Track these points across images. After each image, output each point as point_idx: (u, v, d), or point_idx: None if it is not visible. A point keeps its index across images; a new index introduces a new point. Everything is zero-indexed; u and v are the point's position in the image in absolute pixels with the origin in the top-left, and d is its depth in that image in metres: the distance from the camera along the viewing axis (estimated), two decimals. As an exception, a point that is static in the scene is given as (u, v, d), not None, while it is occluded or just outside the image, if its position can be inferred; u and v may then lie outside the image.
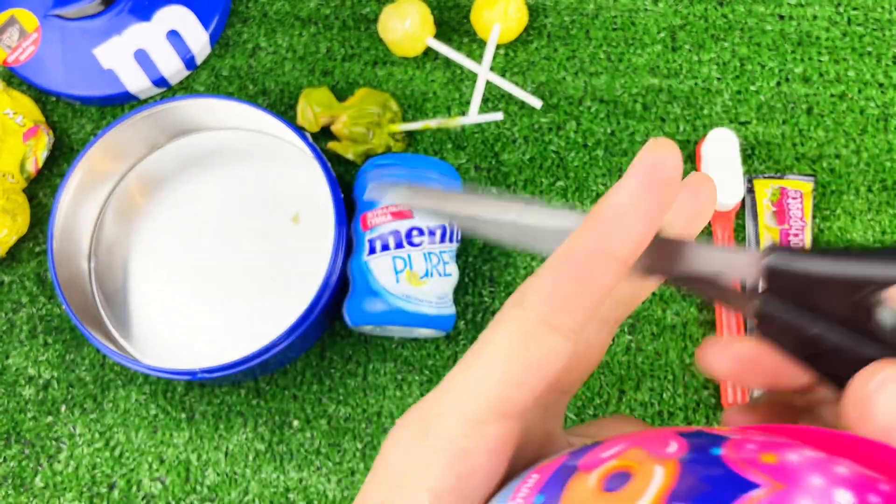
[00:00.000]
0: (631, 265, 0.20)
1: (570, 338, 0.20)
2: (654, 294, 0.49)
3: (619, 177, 0.51)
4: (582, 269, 0.20)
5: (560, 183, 0.51)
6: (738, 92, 0.53)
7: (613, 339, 0.48)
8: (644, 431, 0.20)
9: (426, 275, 0.45)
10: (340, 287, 0.47)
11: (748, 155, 0.52)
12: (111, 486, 0.47)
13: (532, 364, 0.20)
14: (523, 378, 0.20)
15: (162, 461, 0.47)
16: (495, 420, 0.20)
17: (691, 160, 0.51)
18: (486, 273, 0.50)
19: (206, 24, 0.54)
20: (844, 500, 0.16)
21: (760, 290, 0.22)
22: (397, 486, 0.20)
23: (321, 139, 0.52)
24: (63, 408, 0.49)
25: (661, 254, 0.21)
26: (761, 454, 0.18)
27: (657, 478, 0.18)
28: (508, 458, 0.21)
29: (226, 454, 0.47)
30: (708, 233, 0.50)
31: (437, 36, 0.54)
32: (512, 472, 0.21)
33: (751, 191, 0.50)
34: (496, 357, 0.20)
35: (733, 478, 0.17)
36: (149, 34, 0.53)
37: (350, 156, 0.50)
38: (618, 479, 0.18)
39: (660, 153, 0.19)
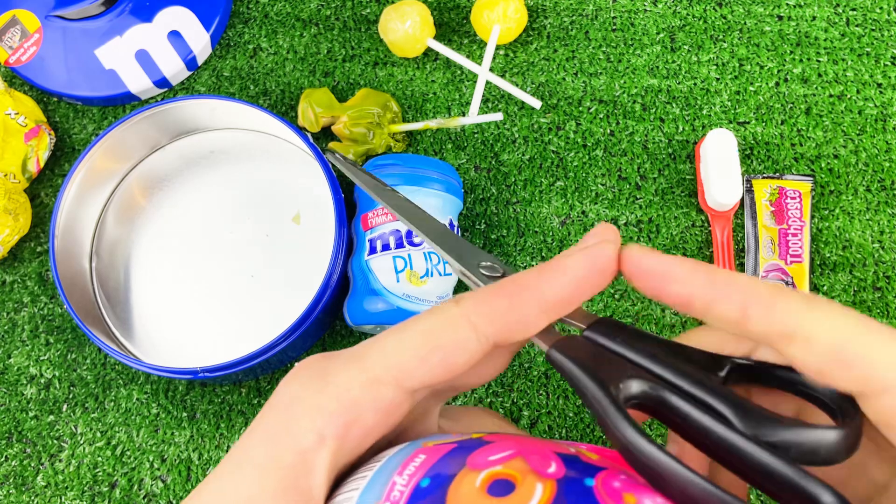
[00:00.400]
0: (549, 313, 0.23)
1: (481, 341, 0.23)
2: (653, 293, 0.49)
3: (619, 177, 0.51)
4: (516, 295, 0.23)
5: (559, 183, 0.51)
6: (737, 92, 0.53)
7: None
8: (527, 441, 0.22)
9: (426, 274, 0.46)
10: (341, 287, 0.47)
11: (747, 155, 0.52)
12: (112, 486, 0.47)
13: (440, 347, 0.22)
14: (428, 357, 0.22)
15: (163, 460, 0.47)
16: (392, 385, 0.22)
17: (690, 160, 0.52)
18: (486, 273, 0.50)
19: (207, 25, 0.54)
20: None
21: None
22: (286, 422, 0.22)
23: (322, 139, 0.52)
24: (65, 407, 0.49)
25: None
26: (624, 494, 0.19)
27: (537, 495, 0.20)
28: (392, 426, 0.23)
29: (227, 453, 0.48)
30: (707, 233, 0.50)
31: (438, 37, 0.54)
32: (387, 444, 0.24)
33: (749, 191, 0.50)
34: (414, 332, 0.23)
35: None
36: (150, 35, 0.53)
37: (351, 156, 0.51)
38: (502, 487, 0.20)
39: (604, 249, 0.23)
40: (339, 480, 0.23)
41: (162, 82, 0.54)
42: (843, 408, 0.21)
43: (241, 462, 0.22)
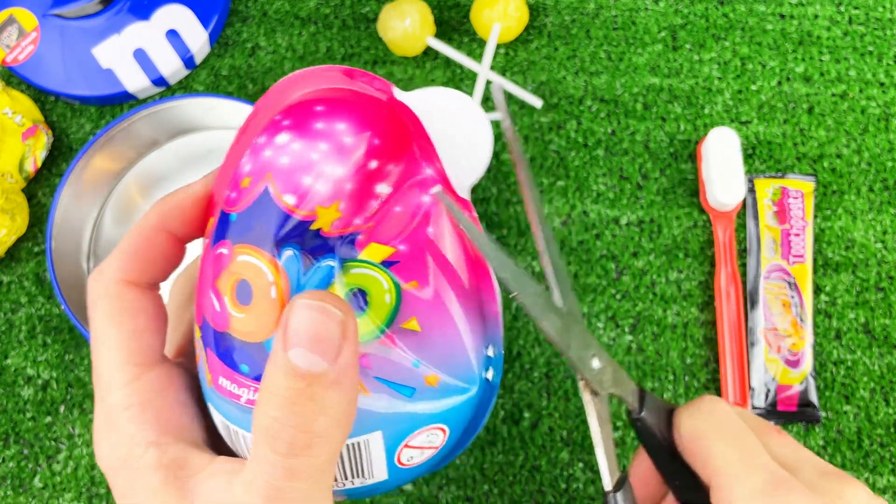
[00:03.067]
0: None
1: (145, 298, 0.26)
2: (654, 294, 0.49)
3: (620, 177, 0.51)
4: (145, 233, 0.27)
5: (560, 182, 0.51)
6: (739, 91, 0.53)
7: (614, 339, 0.48)
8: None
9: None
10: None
11: (749, 154, 0.51)
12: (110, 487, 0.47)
13: (134, 313, 0.25)
14: (136, 325, 0.25)
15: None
16: (144, 371, 0.24)
17: (692, 159, 0.51)
18: (487, 273, 0.50)
19: (205, 24, 0.53)
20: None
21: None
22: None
23: (321, 139, 0.52)
24: (62, 408, 0.48)
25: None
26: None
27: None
28: (175, 381, 0.25)
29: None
30: (709, 233, 0.50)
31: (437, 35, 0.53)
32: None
33: (752, 190, 0.50)
34: (106, 325, 0.25)
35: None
36: (148, 33, 0.53)
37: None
38: (243, 293, 0.23)
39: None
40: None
41: (160, 81, 0.53)
42: None
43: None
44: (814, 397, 0.47)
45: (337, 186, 0.22)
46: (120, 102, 0.54)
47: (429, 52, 0.54)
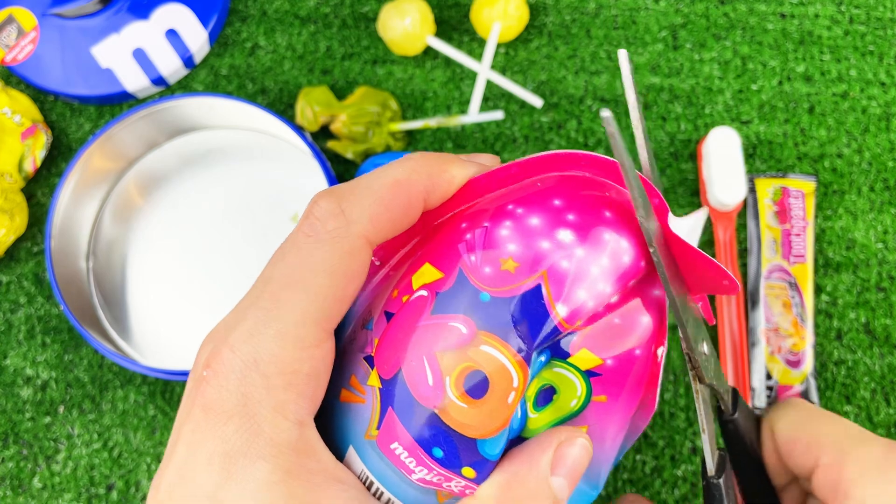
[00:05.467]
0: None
1: (372, 249, 0.22)
2: (655, 294, 0.49)
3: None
4: (409, 204, 0.23)
5: (561, 182, 0.51)
6: (740, 91, 0.53)
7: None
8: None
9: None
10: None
11: (750, 154, 0.51)
12: (109, 487, 0.47)
13: (352, 276, 0.22)
14: (346, 294, 0.22)
15: (160, 462, 0.47)
16: (327, 339, 0.22)
17: (693, 159, 0.51)
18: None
19: (204, 23, 0.53)
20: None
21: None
22: (257, 422, 0.20)
23: (320, 138, 0.52)
24: (61, 408, 0.48)
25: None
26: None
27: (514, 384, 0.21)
28: (329, 369, 0.22)
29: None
30: (709, 233, 0.50)
31: (437, 34, 0.53)
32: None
33: (752, 190, 0.50)
34: (321, 276, 0.21)
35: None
36: (147, 33, 0.53)
37: (349, 155, 0.50)
38: (477, 386, 0.21)
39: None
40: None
41: (159, 81, 0.53)
42: None
43: (230, 471, 0.20)
44: (815, 397, 0.47)
45: (603, 303, 0.21)
46: (119, 102, 0.54)
47: (429, 52, 0.53)
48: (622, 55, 0.22)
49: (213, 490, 0.20)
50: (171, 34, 0.53)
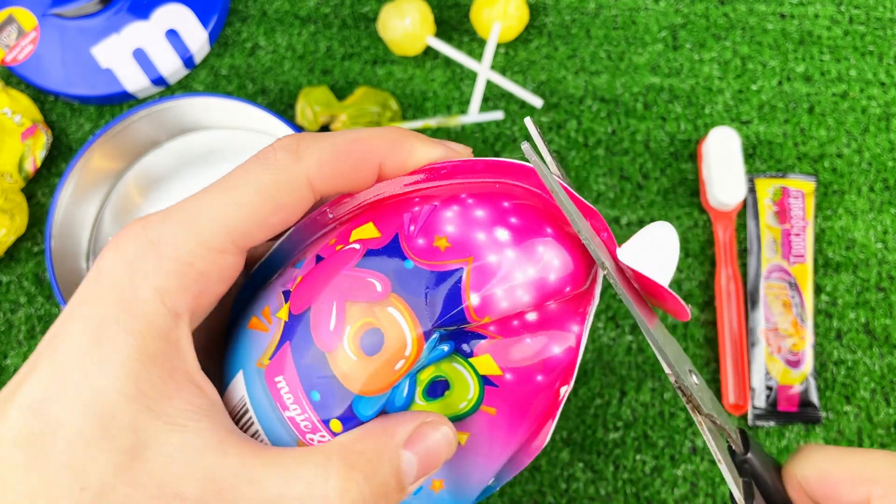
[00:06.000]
0: (376, 179, 0.24)
1: (314, 198, 0.22)
2: (655, 294, 0.49)
3: (621, 176, 0.51)
4: (362, 161, 0.23)
5: (561, 182, 0.51)
6: (740, 91, 0.53)
7: (615, 339, 0.48)
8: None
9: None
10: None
11: (749, 154, 0.51)
12: (110, 487, 0.47)
13: (281, 207, 0.22)
14: (269, 218, 0.22)
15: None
16: (233, 252, 0.22)
17: (693, 159, 0.51)
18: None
19: (205, 23, 0.53)
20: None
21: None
22: (130, 301, 0.21)
23: (321, 138, 0.52)
24: (61, 408, 0.48)
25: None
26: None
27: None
28: (230, 285, 0.22)
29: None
30: (709, 233, 0.50)
31: (437, 35, 0.53)
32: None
33: (752, 190, 0.50)
34: (249, 191, 0.22)
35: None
36: (147, 33, 0.53)
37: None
38: (372, 343, 0.21)
39: (463, 153, 0.25)
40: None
41: (159, 81, 0.53)
42: None
43: (98, 336, 0.20)
44: (814, 397, 0.47)
45: (516, 309, 0.22)
46: (119, 102, 0.54)
47: (429, 52, 0.53)
48: (528, 123, 0.24)
49: (77, 351, 0.20)
50: (171, 34, 0.53)
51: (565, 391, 0.23)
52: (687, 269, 0.49)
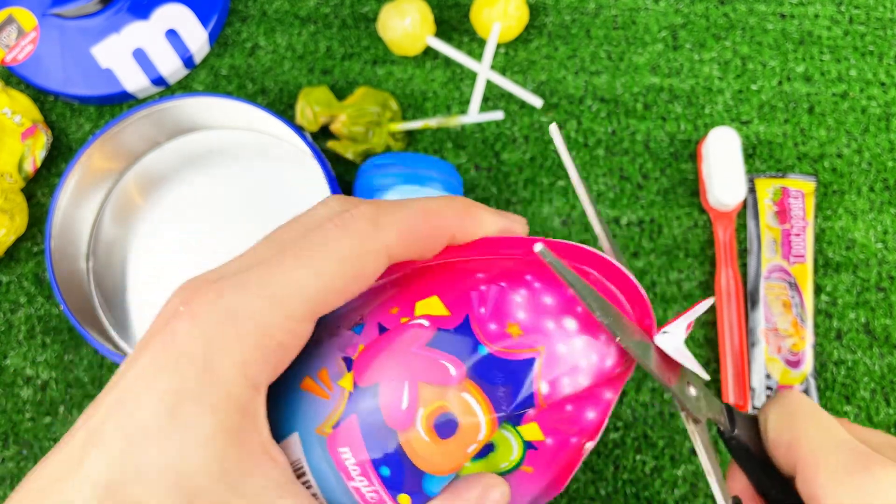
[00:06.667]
0: (443, 248, 0.24)
1: (388, 264, 0.23)
2: (655, 294, 0.49)
3: (620, 176, 0.51)
4: (436, 232, 0.23)
5: (561, 182, 0.51)
6: (740, 91, 0.53)
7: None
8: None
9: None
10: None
11: (749, 154, 0.51)
12: (110, 488, 0.47)
13: (359, 277, 0.22)
14: (346, 288, 0.22)
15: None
16: (310, 320, 0.21)
17: (693, 159, 0.51)
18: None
19: (204, 23, 0.53)
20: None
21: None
22: (210, 371, 0.20)
23: (320, 138, 0.52)
24: (61, 408, 0.48)
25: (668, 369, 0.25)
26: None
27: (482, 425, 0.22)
28: (298, 352, 0.22)
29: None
30: (709, 233, 0.50)
31: (437, 35, 0.53)
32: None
33: (752, 190, 0.50)
34: (330, 261, 0.21)
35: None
36: (147, 33, 0.53)
37: (349, 155, 0.50)
38: (446, 426, 0.22)
39: (518, 229, 0.25)
40: None
41: (159, 81, 0.53)
42: None
43: (175, 410, 0.20)
44: (814, 398, 0.47)
45: (575, 392, 0.22)
46: (119, 102, 0.54)
47: (429, 52, 0.53)
48: (553, 130, 0.24)
49: (153, 426, 0.19)
50: (171, 34, 0.53)
51: (589, 446, 0.24)
52: (687, 269, 0.49)
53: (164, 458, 0.19)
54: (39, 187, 0.53)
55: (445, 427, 0.22)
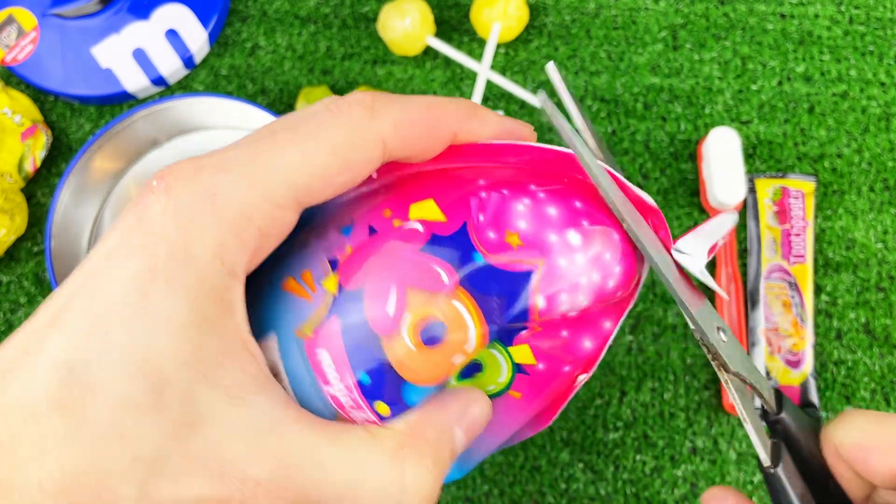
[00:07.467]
0: (446, 147, 0.23)
1: (383, 159, 0.21)
2: (654, 294, 0.49)
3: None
4: (436, 126, 0.22)
5: (561, 182, 0.51)
6: (740, 91, 0.53)
7: (615, 339, 0.48)
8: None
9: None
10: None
11: (749, 154, 0.51)
12: (110, 488, 0.47)
13: (351, 167, 0.20)
14: (335, 177, 0.20)
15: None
16: (294, 209, 0.20)
17: (693, 159, 0.51)
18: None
19: (205, 23, 0.53)
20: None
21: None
22: (187, 254, 0.18)
23: (321, 138, 0.52)
24: (61, 408, 0.48)
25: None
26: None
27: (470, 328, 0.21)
28: (279, 241, 0.21)
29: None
30: (709, 232, 0.50)
31: (437, 35, 0.53)
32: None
33: (752, 190, 0.50)
34: (321, 147, 0.20)
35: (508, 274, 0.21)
36: (147, 33, 0.53)
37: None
38: (433, 335, 0.21)
39: (524, 130, 0.24)
40: None
41: (159, 81, 0.53)
42: None
43: (145, 292, 0.18)
44: (814, 398, 0.47)
45: (573, 311, 0.21)
46: (119, 102, 0.54)
47: (429, 52, 0.54)
48: (550, 68, 0.23)
49: (120, 307, 0.18)
50: (171, 34, 0.53)
51: (583, 379, 0.23)
52: (687, 269, 0.49)
53: (131, 341, 0.18)
54: (39, 187, 0.53)
55: (432, 335, 0.20)
